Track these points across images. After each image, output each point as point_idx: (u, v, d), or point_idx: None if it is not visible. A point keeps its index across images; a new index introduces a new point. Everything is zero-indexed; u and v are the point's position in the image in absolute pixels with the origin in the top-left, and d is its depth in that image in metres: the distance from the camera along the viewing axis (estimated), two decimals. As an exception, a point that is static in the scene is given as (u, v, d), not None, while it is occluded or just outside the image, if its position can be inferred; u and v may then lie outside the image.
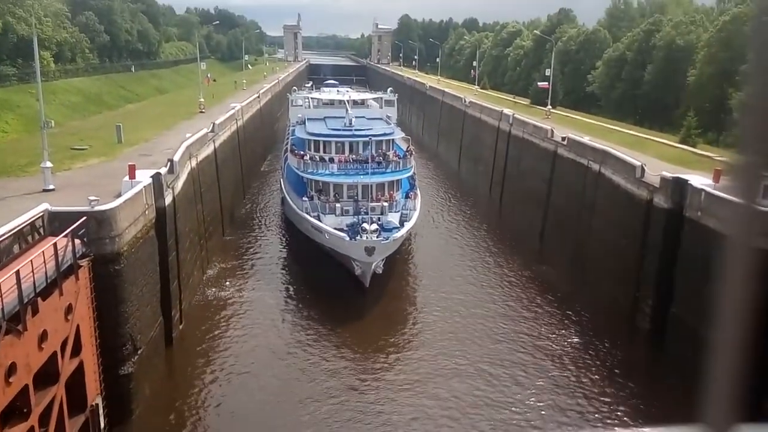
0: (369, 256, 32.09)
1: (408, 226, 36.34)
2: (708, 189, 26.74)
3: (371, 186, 37.71)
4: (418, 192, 42.81)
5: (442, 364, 27.09)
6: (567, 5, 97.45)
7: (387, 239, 33.10)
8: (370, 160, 38.23)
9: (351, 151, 41.78)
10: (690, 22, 62.30)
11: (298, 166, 40.93)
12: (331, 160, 40.80)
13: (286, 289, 35.54)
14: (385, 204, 37.26)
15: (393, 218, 36.81)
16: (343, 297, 33.33)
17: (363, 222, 33.76)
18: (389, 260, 34.59)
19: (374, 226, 33.12)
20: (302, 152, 42.42)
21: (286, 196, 43.22)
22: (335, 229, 34.48)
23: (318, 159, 40.88)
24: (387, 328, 30.72)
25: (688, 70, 51.53)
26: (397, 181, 40.78)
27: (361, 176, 37.92)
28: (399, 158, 42.30)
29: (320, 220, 35.87)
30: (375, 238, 32.29)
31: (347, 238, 32.96)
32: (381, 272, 33.64)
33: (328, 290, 34.48)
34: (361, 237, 32.33)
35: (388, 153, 42.61)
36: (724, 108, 43.28)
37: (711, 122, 47.38)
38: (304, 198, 38.38)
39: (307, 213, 36.95)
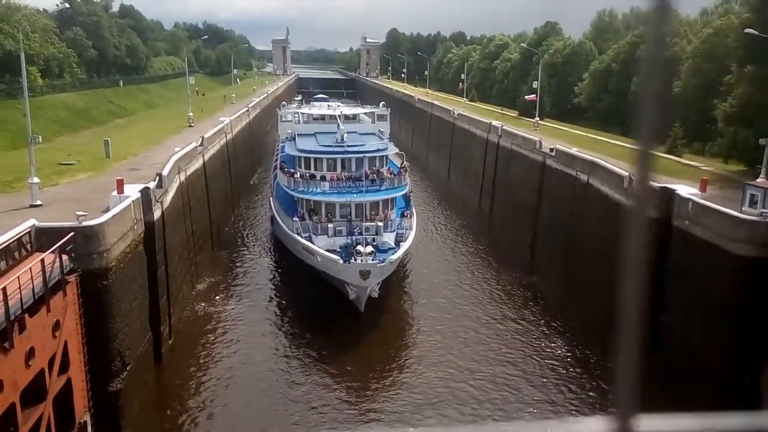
0: (364, 280, 30.59)
1: (404, 246, 34.60)
2: (695, 198, 27.00)
3: (365, 205, 36.41)
4: (414, 210, 41.30)
5: (440, 391, 26.09)
6: (553, 18, 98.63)
7: (383, 262, 31.52)
8: (364, 178, 37.01)
9: (343, 168, 40.31)
10: (674, 34, 63.22)
11: (288, 185, 39.40)
12: (323, 178, 39.08)
13: (277, 307, 34.63)
14: (380, 224, 35.73)
15: (388, 238, 35.33)
16: (337, 322, 31.85)
17: (357, 243, 32.49)
18: (385, 282, 32.97)
19: (369, 248, 31.64)
20: (292, 170, 41.02)
21: (276, 215, 41.52)
22: (328, 251, 32.91)
23: (309, 177, 39.32)
24: (384, 355, 29.46)
25: (673, 82, 52.19)
26: (392, 199, 39.30)
27: (355, 195, 36.62)
28: (393, 175, 40.86)
29: (312, 242, 34.28)
30: (370, 261, 30.88)
31: (341, 261, 31.41)
32: (377, 296, 32.03)
33: (321, 313, 33.10)
34: (355, 260, 30.98)
35: (381, 170, 41.18)
36: (709, 118, 43.78)
37: (696, 132, 47.91)
38: (294, 218, 36.79)
39: (298, 234, 35.33)
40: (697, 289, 25.29)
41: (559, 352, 30.32)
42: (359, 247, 31.61)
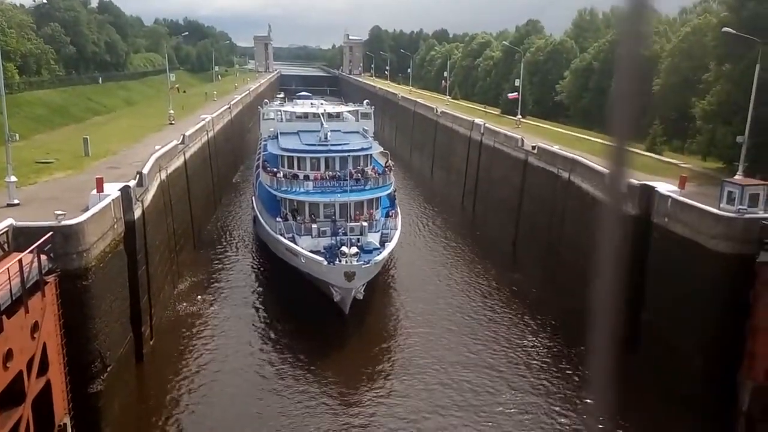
0: (349, 281, 30.16)
1: (390, 247, 34.19)
2: (674, 195, 27.34)
3: (349, 204, 35.68)
4: (399, 210, 40.80)
5: (425, 397, 25.70)
6: (535, 16, 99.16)
7: (368, 263, 31.00)
8: (348, 177, 36.35)
9: (327, 167, 39.65)
10: (654, 32, 63.89)
11: (271, 184, 38.67)
12: (306, 177, 38.37)
13: (260, 308, 34.24)
14: (365, 224, 35.10)
15: (373, 239, 34.81)
16: (321, 325, 31.29)
17: (342, 244, 31.88)
18: (369, 283, 32.49)
19: (354, 249, 30.99)
20: (275, 169, 40.48)
21: (258, 215, 40.75)
22: (312, 252, 32.35)
23: (292, 176, 38.68)
24: (369, 358, 28.88)
25: (652, 80, 52.74)
26: (377, 198, 38.71)
27: (339, 194, 36.02)
28: (378, 174, 40.36)
29: (295, 242, 33.73)
30: (355, 263, 30.35)
31: (325, 263, 30.83)
32: (362, 298, 31.59)
33: (305, 315, 32.60)
34: (339, 261, 30.42)
35: (366, 169, 40.57)
36: (688, 116, 44.34)
37: (676, 130, 48.48)
38: (278, 218, 36.22)
39: (281, 234, 34.75)
40: (677, 286, 25.62)
41: (538, 341, 30.69)
42: (344, 248, 31.00)
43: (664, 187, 28.89)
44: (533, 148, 43.84)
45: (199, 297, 35.19)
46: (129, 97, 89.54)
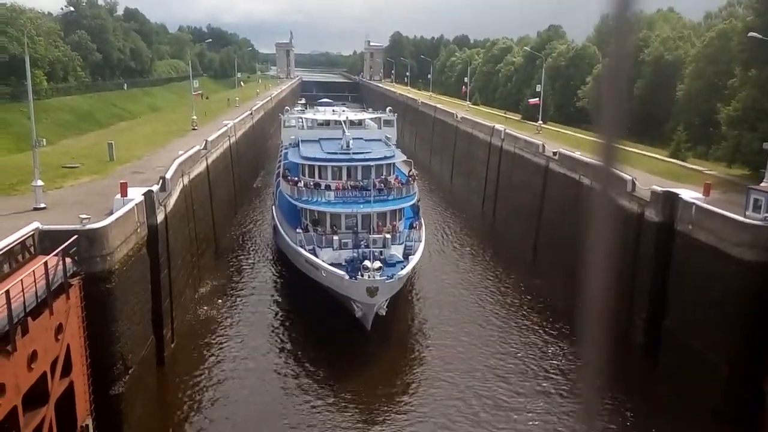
0: (371, 297, 28.87)
1: (414, 260, 32.82)
2: (698, 202, 26.95)
3: (372, 216, 34.59)
4: (423, 221, 39.02)
5: (452, 418, 24.66)
6: (556, 21, 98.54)
7: (391, 278, 29.73)
8: (371, 187, 35.11)
9: (349, 176, 38.51)
10: (678, 37, 63.10)
11: (292, 194, 37.45)
12: (328, 187, 37.07)
13: (280, 317, 33.67)
14: (388, 236, 33.93)
15: (396, 251, 33.62)
16: (342, 340, 30.04)
17: (364, 257, 30.74)
18: (392, 297, 31.02)
19: (377, 264, 29.61)
20: (296, 178, 39.42)
21: (278, 225, 39.74)
22: (333, 265, 31.34)
23: (313, 186, 37.50)
24: (392, 377, 27.67)
25: (676, 85, 52.06)
26: (400, 210, 37.39)
27: (361, 205, 34.87)
28: (401, 184, 38.98)
29: (316, 255, 32.75)
30: (378, 278, 29.00)
31: (347, 277, 29.64)
32: (384, 314, 30.09)
33: (326, 329, 31.52)
34: (362, 276, 29.08)
35: (389, 178, 39.34)
36: (713, 122, 43.66)
37: (700, 136, 47.77)
38: (298, 230, 35.12)
39: (301, 246, 33.68)
40: (700, 294, 25.21)
41: (559, 348, 30.24)
42: (366, 263, 29.72)
43: (688, 194, 28.48)
44: (554, 153, 43.53)
45: (219, 302, 35.41)
46: (153, 103, 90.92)
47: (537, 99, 62.37)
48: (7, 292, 15.73)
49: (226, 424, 24.14)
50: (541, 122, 60.73)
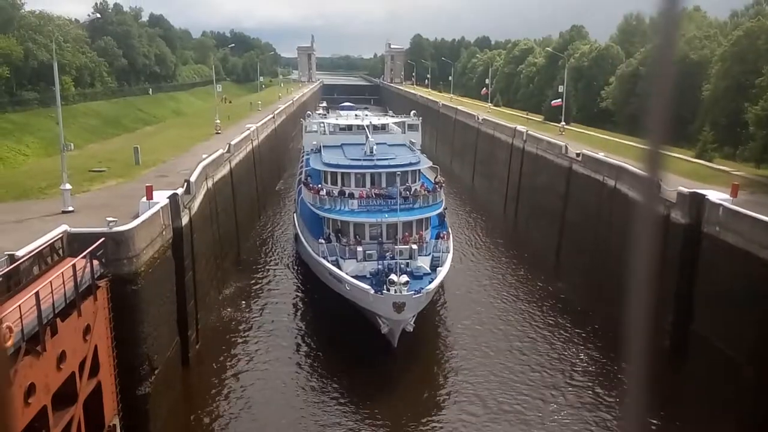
0: (398, 313, 27.28)
1: (442, 273, 31.10)
2: (726, 204, 26.46)
3: (398, 225, 33.14)
4: (450, 231, 37.41)
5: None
6: (579, 22, 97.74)
7: (419, 293, 28.01)
8: (397, 195, 33.30)
9: (373, 183, 36.91)
10: (704, 36, 62.17)
11: (314, 202, 36.12)
12: (351, 195, 35.52)
13: (302, 322, 33.34)
14: (414, 246, 32.24)
15: (423, 263, 32.08)
16: (367, 357, 28.69)
17: (389, 270, 29.32)
18: (419, 313, 29.31)
19: (404, 278, 28.02)
20: (318, 185, 37.91)
21: (300, 234, 38.56)
22: (357, 277, 29.87)
23: (336, 194, 36.09)
24: (419, 397, 26.47)
25: (702, 85, 51.26)
26: (427, 218, 35.68)
27: (386, 214, 33.33)
28: (428, 192, 37.20)
29: (339, 267, 31.42)
30: (405, 292, 27.40)
31: (372, 292, 28.02)
32: (411, 330, 28.48)
33: (350, 343, 30.17)
34: (388, 291, 27.58)
35: (414, 185, 37.55)
36: (740, 122, 42.89)
37: (727, 136, 46.98)
38: (320, 239, 33.85)
39: (324, 257, 32.40)
40: (728, 296, 24.76)
41: (583, 352, 29.89)
42: (392, 276, 28.08)
43: (715, 195, 27.99)
44: (578, 155, 43.11)
45: (243, 304, 35.67)
46: (178, 108, 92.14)
47: (559, 100, 61.84)
48: (37, 293, 16.06)
49: (252, 425, 24.33)
50: (563, 123, 60.19)
